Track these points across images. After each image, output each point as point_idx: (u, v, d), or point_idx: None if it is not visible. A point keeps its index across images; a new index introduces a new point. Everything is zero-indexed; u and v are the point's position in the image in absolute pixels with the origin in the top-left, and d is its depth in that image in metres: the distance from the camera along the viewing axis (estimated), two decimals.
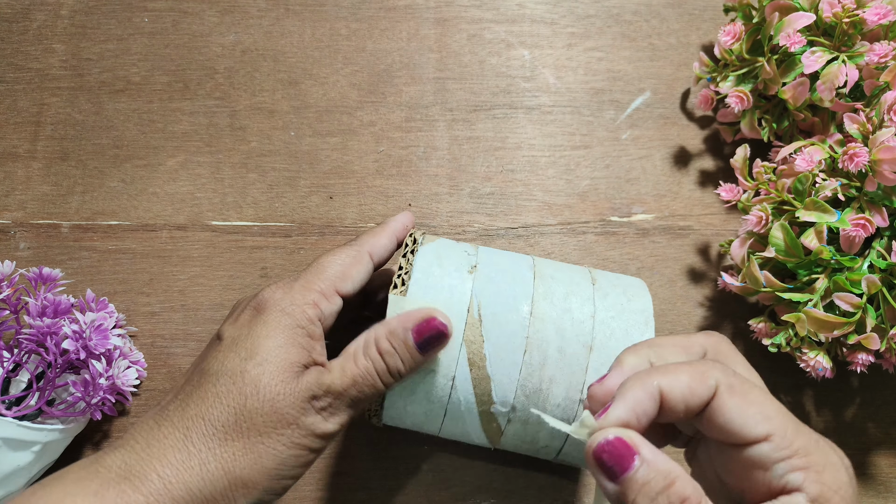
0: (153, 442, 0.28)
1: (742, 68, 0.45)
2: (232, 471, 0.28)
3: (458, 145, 0.48)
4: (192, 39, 0.50)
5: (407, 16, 0.51)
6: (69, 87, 0.49)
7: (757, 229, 0.39)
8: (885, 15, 0.39)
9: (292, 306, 0.31)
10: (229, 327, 0.31)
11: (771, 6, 0.42)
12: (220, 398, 0.29)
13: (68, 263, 0.45)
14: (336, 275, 0.32)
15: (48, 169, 0.47)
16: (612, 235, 0.46)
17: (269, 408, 0.28)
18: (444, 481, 0.41)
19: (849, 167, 0.37)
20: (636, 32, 0.51)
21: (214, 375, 0.29)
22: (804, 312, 0.37)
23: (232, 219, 0.46)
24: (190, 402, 0.29)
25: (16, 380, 0.39)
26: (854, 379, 0.44)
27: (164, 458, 0.27)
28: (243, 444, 0.28)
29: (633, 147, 0.48)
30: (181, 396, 0.30)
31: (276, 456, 0.28)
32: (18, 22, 0.50)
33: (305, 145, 0.48)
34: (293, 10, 0.51)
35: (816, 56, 0.40)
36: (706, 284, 0.46)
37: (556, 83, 0.50)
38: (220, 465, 0.28)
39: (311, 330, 0.31)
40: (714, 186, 0.47)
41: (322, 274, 0.32)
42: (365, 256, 0.34)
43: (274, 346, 0.30)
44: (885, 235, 0.38)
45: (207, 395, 0.29)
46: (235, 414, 0.28)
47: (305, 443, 0.29)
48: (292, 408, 0.29)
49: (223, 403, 0.28)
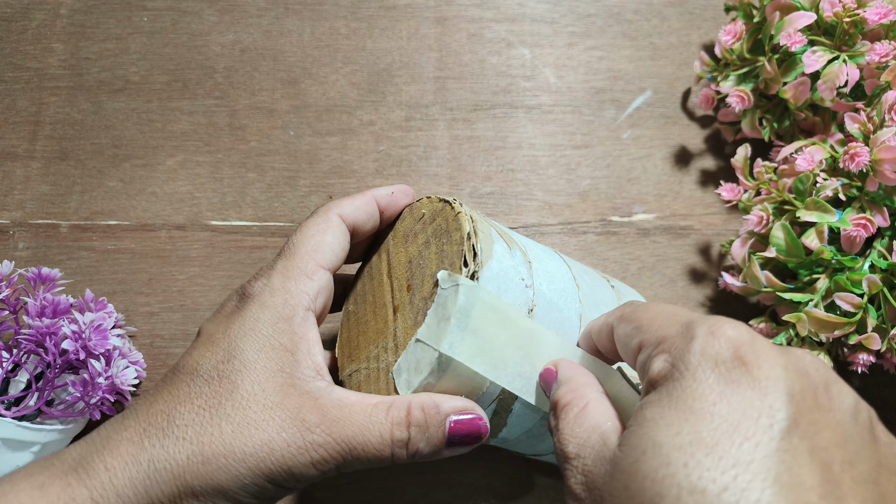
0: (112, 434, 0.26)
1: (743, 68, 0.45)
2: (182, 476, 0.24)
3: (458, 145, 0.48)
4: (192, 39, 0.50)
5: (407, 15, 0.51)
6: (68, 86, 0.49)
7: (758, 229, 0.39)
8: (885, 14, 0.39)
9: (272, 297, 0.28)
10: (209, 322, 0.29)
11: (772, 5, 0.42)
12: (191, 398, 0.26)
13: (67, 263, 0.45)
14: (311, 249, 0.29)
15: (47, 169, 0.47)
16: (612, 235, 0.46)
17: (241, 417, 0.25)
18: (444, 481, 0.41)
19: (850, 167, 0.37)
20: (637, 31, 0.51)
21: (189, 374, 0.27)
22: (805, 312, 0.37)
23: (231, 219, 0.46)
24: (158, 398, 0.27)
25: (15, 380, 0.39)
26: (855, 379, 0.44)
27: (116, 451, 0.25)
28: (202, 454, 0.25)
29: (634, 146, 0.48)
30: (152, 392, 0.27)
31: (236, 480, 0.25)
32: (17, 21, 0.50)
33: (305, 145, 0.48)
34: (292, 9, 0.51)
35: (817, 55, 0.40)
36: (707, 284, 0.45)
37: (556, 82, 0.50)
38: (170, 468, 0.25)
39: (297, 322, 0.27)
40: (715, 186, 0.47)
41: (296, 253, 0.29)
42: (333, 219, 0.30)
43: (253, 350, 0.26)
44: (886, 235, 0.38)
45: (178, 392, 0.26)
46: (202, 418, 0.25)
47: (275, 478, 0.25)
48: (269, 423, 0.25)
49: (193, 404, 0.26)
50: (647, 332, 0.24)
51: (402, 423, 0.26)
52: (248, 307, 0.28)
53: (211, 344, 0.27)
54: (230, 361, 0.26)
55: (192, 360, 0.27)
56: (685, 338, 0.22)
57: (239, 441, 0.25)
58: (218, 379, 0.26)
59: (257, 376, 0.26)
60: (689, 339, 0.21)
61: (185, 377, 0.27)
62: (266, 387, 0.26)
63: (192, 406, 0.26)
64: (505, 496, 0.41)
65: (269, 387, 0.26)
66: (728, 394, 0.20)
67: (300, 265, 0.29)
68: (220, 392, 0.26)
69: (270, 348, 0.27)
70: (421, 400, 0.26)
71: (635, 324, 0.25)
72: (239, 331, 0.27)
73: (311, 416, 0.25)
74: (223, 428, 0.25)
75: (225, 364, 0.26)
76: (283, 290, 0.28)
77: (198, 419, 0.25)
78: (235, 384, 0.26)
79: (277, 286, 0.28)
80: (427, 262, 0.29)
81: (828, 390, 0.21)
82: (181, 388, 0.26)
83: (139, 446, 0.25)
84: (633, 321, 0.25)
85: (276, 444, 0.25)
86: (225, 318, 0.28)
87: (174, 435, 0.25)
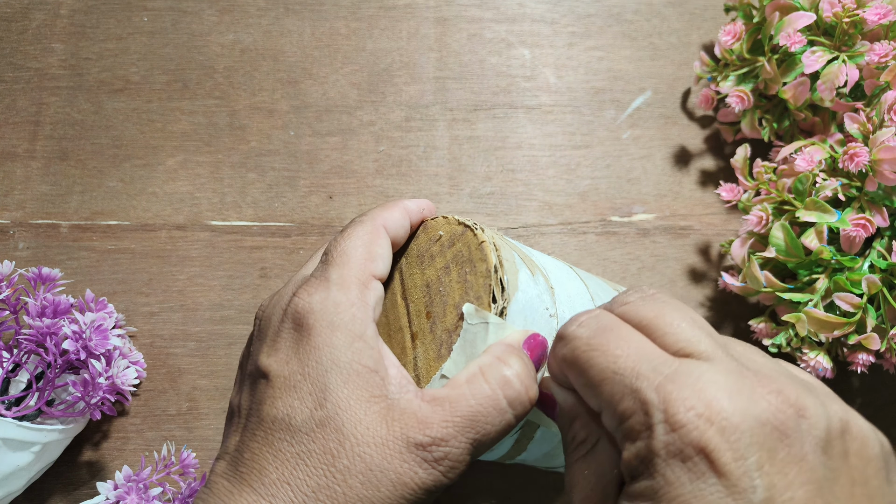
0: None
1: (743, 68, 0.45)
2: None
3: (458, 145, 0.48)
4: (192, 39, 0.50)
5: (407, 15, 0.51)
6: (68, 86, 0.49)
7: (757, 229, 0.39)
8: (885, 15, 0.39)
9: (338, 315, 0.25)
10: (272, 360, 0.26)
11: (771, 6, 0.42)
12: (302, 458, 0.24)
13: (67, 263, 0.45)
14: (364, 257, 0.27)
15: (47, 169, 0.47)
16: (612, 235, 0.46)
17: (363, 466, 0.23)
18: None
19: (849, 167, 0.37)
20: (637, 32, 0.51)
21: (285, 430, 0.24)
22: (804, 313, 0.37)
23: (231, 219, 0.46)
24: (267, 465, 0.24)
25: (15, 380, 0.39)
26: (854, 379, 0.44)
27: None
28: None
29: (634, 147, 0.48)
30: (248, 454, 0.25)
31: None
32: (17, 21, 0.50)
33: (305, 145, 0.48)
34: (292, 10, 0.51)
35: (817, 56, 0.40)
36: (707, 284, 0.46)
37: (556, 82, 0.50)
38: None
39: (370, 337, 0.26)
40: (715, 186, 0.47)
41: (350, 261, 0.27)
42: (381, 230, 0.28)
43: (341, 384, 0.24)
44: (886, 235, 0.38)
45: (285, 454, 0.24)
46: (328, 480, 0.23)
47: (412, 499, 0.24)
48: (390, 461, 0.24)
49: (308, 465, 0.24)
50: (602, 397, 0.22)
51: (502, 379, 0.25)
52: (317, 332, 0.25)
53: (293, 389, 0.25)
54: (324, 406, 0.24)
55: (279, 412, 0.25)
56: (646, 425, 0.20)
57: (371, 491, 0.23)
58: (320, 430, 0.24)
59: (357, 414, 0.24)
60: (649, 430, 0.20)
61: (282, 435, 0.24)
62: (370, 424, 0.24)
63: (307, 468, 0.24)
64: (505, 496, 0.41)
65: (373, 422, 0.24)
66: (703, 492, 0.19)
67: (357, 274, 0.27)
68: (329, 446, 0.24)
69: (356, 375, 0.25)
70: (496, 353, 0.25)
71: (586, 377, 0.23)
72: (318, 365, 0.25)
73: (420, 435, 0.24)
74: (351, 483, 0.23)
75: (320, 410, 0.24)
76: (348, 303, 0.26)
77: (323, 482, 0.24)
78: (341, 431, 0.24)
79: (341, 300, 0.26)
80: (448, 290, 0.28)
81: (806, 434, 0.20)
82: (284, 448, 0.24)
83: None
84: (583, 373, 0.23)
85: (406, 476, 0.24)
86: (293, 352, 0.25)
87: (305, 503, 0.23)
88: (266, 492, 0.24)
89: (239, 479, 0.24)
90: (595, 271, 0.45)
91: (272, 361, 0.26)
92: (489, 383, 0.25)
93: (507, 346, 0.26)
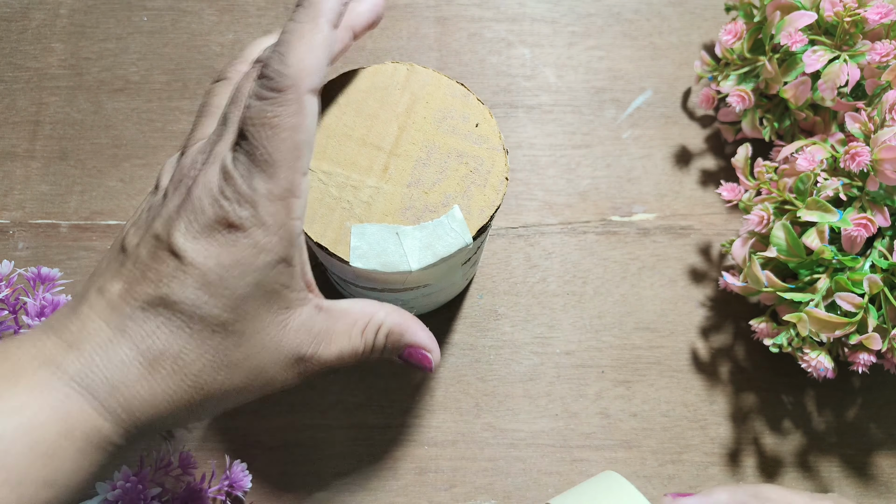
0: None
1: (743, 67, 0.45)
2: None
3: None
4: (192, 38, 0.50)
5: (407, 14, 0.51)
6: (68, 86, 0.49)
7: (758, 229, 0.39)
8: (886, 14, 0.39)
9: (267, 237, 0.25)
10: (193, 245, 0.24)
11: (772, 5, 0.42)
12: (199, 343, 0.25)
13: (67, 263, 0.45)
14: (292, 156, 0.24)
15: (47, 168, 0.47)
16: (612, 235, 0.46)
17: (251, 373, 0.26)
18: (444, 481, 0.41)
19: (850, 167, 0.37)
20: (637, 31, 0.51)
21: (190, 317, 0.24)
22: (806, 312, 0.37)
23: None
24: (155, 338, 0.24)
25: None
26: (856, 379, 0.44)
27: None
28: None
29: (634, 146, 0.48)
30: (136, 314, 0.24)
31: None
32: (17, 21, 0.50)
33: None
34: (292, 10, 0.51)
35: (818, 55, 0.40)
36: (707, 284, 0.45)
37: (556, 82, 0.50)
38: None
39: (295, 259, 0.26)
40: (715, 186, 0.47)
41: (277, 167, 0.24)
42: (324, 28, 0.25)
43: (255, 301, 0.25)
44: (887, 235, 0.38)
45: (180, 335, 0.25)
46: (216, 370, 0.25)
47: (271, 393, 0.28)
48: (272, 376, 0.26)
49: (202, 351, 0.25)
50: None
51: (370, 345, 0.29)
52: (242, 247, 0.24)
53: (210, 286, 0.24)
54: (235, 311, 0.25)
55: (186, 296, 0.24)
56: None
57: (247, 383, 0.26)
58: (223, 332, 0.25)
59: (261, 325, 0.26)
60: None
61: (183, 318, 0.24)
62: (269, 332, 0.26)
63: (202, 355, 0.25)
64: (505, 496, 0.41)
65: (271, 332, 0.26)
66: None
67: (285, 185, 0.24)
68: (228, 345, 0.25)
69: (272, 292, 0.25)
70: (390, 327, 0.29)
71: None
72: (239, 279, 0.24)
73: (307, 348, 0.27)
74: (234, 376, 0.26)
75: (229, 314, 0.25)
76: (277, 226, 0.24)
77: (209, 367, 0.25)
78: (242, 334, 0.25)
79: (269, 222, 0.24)
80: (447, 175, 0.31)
81: None
82: (183, 329, 0.24)
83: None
84: None
85: (277, 381, 0.27)
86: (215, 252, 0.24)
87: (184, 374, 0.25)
88: (152, 362, 0.24)
89: (121, 333, 0.24)
90: (595, 271, 0.45)
91: (192, 247, 0.24)
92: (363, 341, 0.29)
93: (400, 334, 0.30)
